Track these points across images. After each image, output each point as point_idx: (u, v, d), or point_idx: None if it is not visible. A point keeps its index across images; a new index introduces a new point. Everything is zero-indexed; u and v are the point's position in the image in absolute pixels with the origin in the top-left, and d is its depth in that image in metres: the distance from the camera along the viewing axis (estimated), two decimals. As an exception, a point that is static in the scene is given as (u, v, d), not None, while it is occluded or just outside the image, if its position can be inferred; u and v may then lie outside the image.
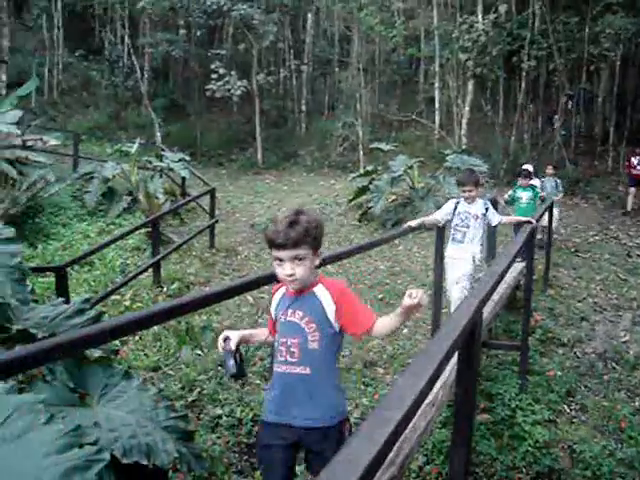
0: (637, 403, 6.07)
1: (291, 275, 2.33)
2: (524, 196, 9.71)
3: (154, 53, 23.73)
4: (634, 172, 14.03)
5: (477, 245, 5.78)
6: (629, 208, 14.06)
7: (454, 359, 2.44)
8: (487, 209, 5.77)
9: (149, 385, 3.68)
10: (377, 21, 21.14)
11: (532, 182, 10.15)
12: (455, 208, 5.77)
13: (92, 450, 1.93)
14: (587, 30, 16.70)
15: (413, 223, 5.63)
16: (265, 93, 23.57)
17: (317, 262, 2.42)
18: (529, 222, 5.74)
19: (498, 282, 2.97)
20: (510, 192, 10.04)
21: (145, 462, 2.81)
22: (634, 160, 14.11)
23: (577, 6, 17.30)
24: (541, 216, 7.44)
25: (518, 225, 7.32)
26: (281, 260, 2.35)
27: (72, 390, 3.07)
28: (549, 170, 11.67)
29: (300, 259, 2.33)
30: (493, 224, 5.91)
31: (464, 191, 5.70)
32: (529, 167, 10.97)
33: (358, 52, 22.64)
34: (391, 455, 3.19)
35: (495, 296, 6.70)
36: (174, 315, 3.10)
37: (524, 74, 18.07)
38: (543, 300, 8.28)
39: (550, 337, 7.29)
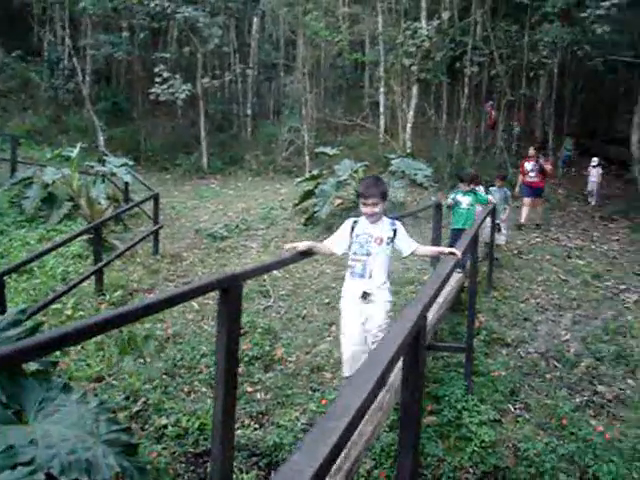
0: (577, 400, 6.24)
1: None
2: (464, 201, 8.92)
3: (96, 55, 23.20)
4: (528, 179, 12.79)
5: (383, 282, 4.40)
6: (523, 220, 12.69)
7: (400, 363, 2.44)
8: (395, 231, 4.39)
9: (90, 397, 3.56)
10: (322, 26, 21.21)
11: (476, 188, 9.36)
12: (352, 229, 4.39)
13: (25, 472, 1.84)
14: (526, 38, 17.17)
15: (301, 246, 4.16)
16: (210, 97, 23.36)
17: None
18: (452, 254, 4.29)
19: (442, 285, 2.99)
20: (452, 195, 9.30)
21: (85, 479, 2.71)
22: (527, 166, 12.88)
23: (517, 15, 17.77)
24: (478, 228, 6.62)
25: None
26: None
27: (5, 406, 2.94)
28: (498, 183, 10.95)
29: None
30: (404, 254, 4.49)
31: (365, 204, 4.32)
32: (470, 171, 10.40)
33: (303, 56, 22.66)
34: (338, 462, 3.18)
35: (440, 299, 6.79)
36: (117, 324, 3.00)
37: (467, 79, 18.42)
38: (487, 302, 8.43)
39: (494, 338, 7.43)
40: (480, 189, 9.63)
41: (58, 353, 6.88)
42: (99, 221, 9.40)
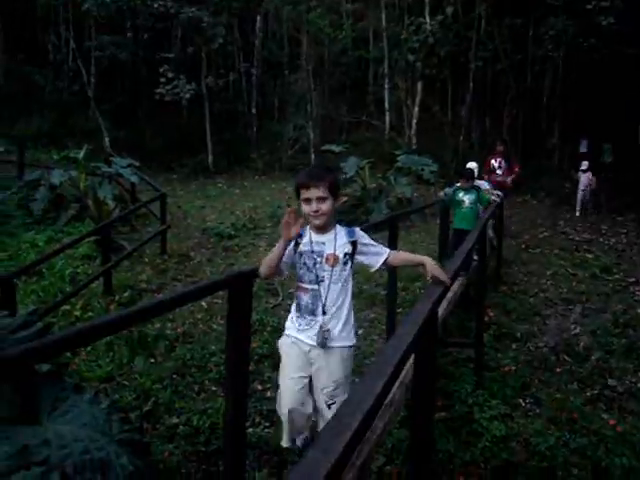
0: (588, 394, 6.22)
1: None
2: (466, 200, 8.22)
3: (100, 56, 23.25)
4: (495, 178, 11.38)
5: (344, 321, 3.10)
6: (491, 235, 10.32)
7: (411, 358, 2.44)
8: (354, 244, 3.09)
9: (102, 397, 3.57)
10: (326, 23, 21.21)
11: (477, 183, 8.70)
12: (295, 243, 3.05)
13: (39, 471, 1.85)
14: (531, 32, 17.10)
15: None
16: (215, 96, 23.37)
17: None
18: (440, 280, 2.91)
19: (452, 281, 2.99)
20: (448, 190, 8.64)
21: (99, 479, 2.72)
22: (494, 163, 11.64)
23: (521, 8, 17.69)
24: (482, 230, 6.26)
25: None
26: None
27: (19, 407, 2.96)
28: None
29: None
30: (373, 268, 3.17)
31: (307, 200, 2.98)
32: (473, 165, 9.51)
33: (307, 54, 22.64)
34: (351, 457, 3.18)
35: (449, 294, 6.78)
36: (127, 324, 3.03)
37: (471, 75, 18.36)
38: (496, 296, 8.42)
39: (504, 333, 7.41)
40: (483, 184, 9.08)
41: (69, 354, 6.92)
42: (107, 222, 9.42)
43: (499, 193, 9.35)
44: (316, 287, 3.01)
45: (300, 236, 3.02)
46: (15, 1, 24.64)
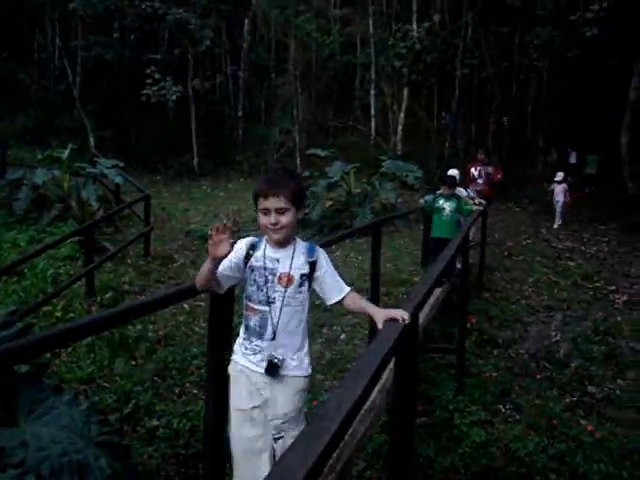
0: (568, 400, 6.26)
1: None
2: (447, 207, 7.97)
3: (87, 56, 23.10)
4: (475, 188, 11.20)
5: (297, 348, 2.68)
6: (471, 237, 8.89)
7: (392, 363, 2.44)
8: (314, 264, 2.68)
9: (81, 399, 3.54)
10: (313, 28, 21.26)
11: (458, 191, 8.63)
12: (246, 255, 2.68)
13: (15, 474, 1.83)
14: (517, 41, 17.25)
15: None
16: (201, 99, 23.33)
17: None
18: (394, 319, 2.36)
19: (434, 286, 3.00)
20: (428, 197, 8.40)
21: (76, 481, 2.71)
22: (474, 172, 11.64)
23: (507, 17, 17.86)
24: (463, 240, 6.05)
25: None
26: None
27: (-3, 408, 2.94)
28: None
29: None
30: (329, 302, 2.72)
31: (265, 211, 2.60)
32: (454, 172, 9.41)
33: (295, 58, 22.68)
34: (331, 462, 3.18)
35: (431, 299, 6.81)
36: (108, 326, 3.02)
37: (457, 82, 18.48)
38: (478, 303, 8.45)
39: (485, 339, 7.45)
40: (463, 192, 8.98)
41: (49, 355, 6.85)
42: (90, 223, 9.36)
43: (482, 201, 9.40)
44: (266, 308, 2.61)
45: (253, 248, 2.67)
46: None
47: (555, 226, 13.63)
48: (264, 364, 2.60)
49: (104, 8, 21.36)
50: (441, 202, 8.02)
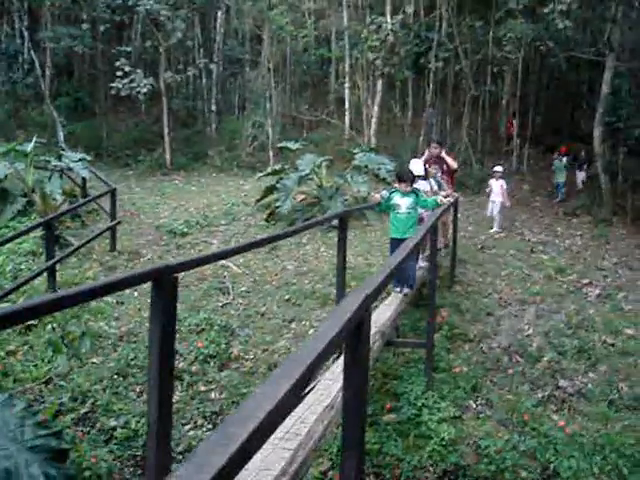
0: (539, 395, 6.15)
1: None
2: (403, 203, 6.80)
3: (56, 48, 22.53)
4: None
5: None
6: (441, 244, 8.58)
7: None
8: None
9: (17, 400, 3.30)
10: (287, 21, 21.02)
11: (417, 184, 7.43)
12: None
13: None
14: (491, 34, 17.17)
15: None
16: (174, 92, 22.93)
17: None
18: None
19: (390, 277, 2.81)
20: (384, 192, 7.26)
21: (0, 490, 2.47)
22: (433, 171, 9.07)
23: (482, 10, 17.77)
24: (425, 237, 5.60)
25: None
26: None
27: None
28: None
29: None
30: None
31: None
32: (417, 164, 8.21)
33: (269, 52, 22.40)
34: (283, 464, 2.98)
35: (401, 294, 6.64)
36: (46, 311, 2.78)
37: (432, 75, 18.36)
38: (450, 296, 8.31)
39: (457, 333, 7.30)
40: (422, 184, 7.90)
41: (3, 353, 6.60)
42: (51, 216, 9.04)
43: (454, 194, 9.18)
44: None
45: None
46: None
47: (492, 230, 12.10)
48: None
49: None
50: (396, 198, 6.83)
